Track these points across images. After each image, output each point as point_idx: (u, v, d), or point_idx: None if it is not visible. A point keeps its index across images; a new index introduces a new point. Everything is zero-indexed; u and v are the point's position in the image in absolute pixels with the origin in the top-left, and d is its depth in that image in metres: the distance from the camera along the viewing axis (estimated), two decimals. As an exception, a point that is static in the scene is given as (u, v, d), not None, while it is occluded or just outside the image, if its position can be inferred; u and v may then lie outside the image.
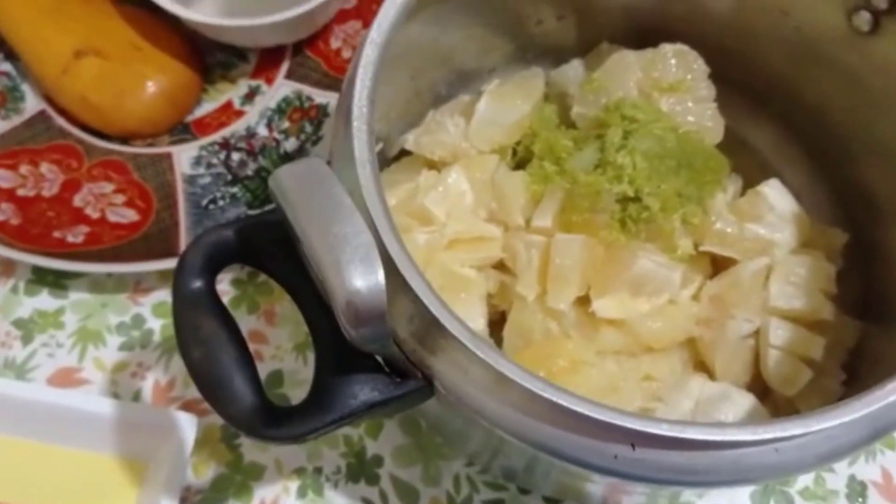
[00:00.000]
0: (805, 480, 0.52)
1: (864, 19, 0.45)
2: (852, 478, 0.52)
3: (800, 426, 0.31)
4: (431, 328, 0.33)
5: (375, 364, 0.35)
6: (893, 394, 0.32)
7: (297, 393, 0.53)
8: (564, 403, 0.31)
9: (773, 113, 0.54)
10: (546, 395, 0.31)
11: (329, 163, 0.38)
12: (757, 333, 0.46)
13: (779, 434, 0.31)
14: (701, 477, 0.33)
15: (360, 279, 0.29)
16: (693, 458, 0.32)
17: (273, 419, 0.34)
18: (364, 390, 0.34)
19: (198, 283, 0.35)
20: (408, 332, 0.34)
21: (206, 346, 0.34)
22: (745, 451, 0.32)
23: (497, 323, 0.49)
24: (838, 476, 0.52)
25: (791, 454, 0.33)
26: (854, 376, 0.48)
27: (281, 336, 0.54)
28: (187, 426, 0.48)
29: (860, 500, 0.51)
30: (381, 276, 0.29)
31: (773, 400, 0.47)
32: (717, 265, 0.49)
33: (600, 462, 0.33)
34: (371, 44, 0.37)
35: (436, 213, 0.47)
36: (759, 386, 0.47)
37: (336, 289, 0.29)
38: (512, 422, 0.33)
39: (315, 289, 0.35)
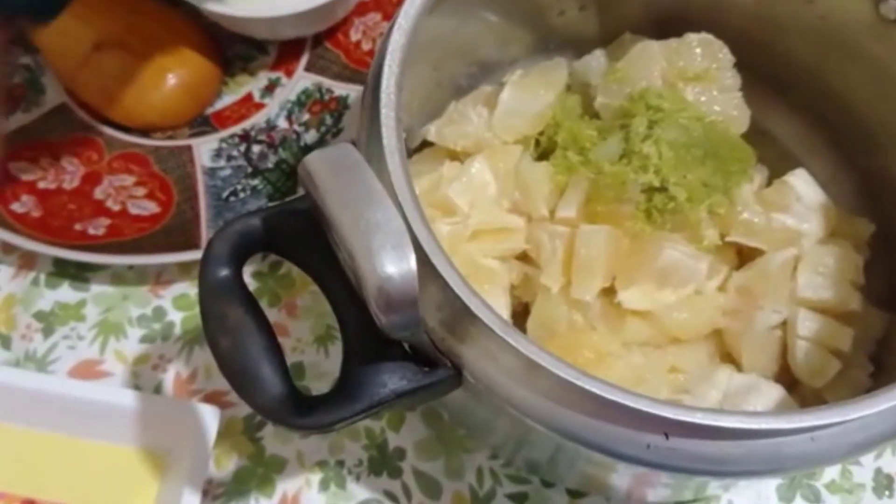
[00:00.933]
0: (831, 473, 0.51)
1: (891, 7, 0.44)
2: (879, 471, 0.51)
3: (836, 415, 0.31)
4: (461, 316, 0.33)
5: (403, 353, 0.34)
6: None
7: (318, 385, 0.52)
8: (598, 392, 0.31)
9: (799, 103, 0.54)
10: (579, 383, 0.31)
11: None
12: (784, 324, 0.46)
13: (815, 423, 0.31)
14: (734, 467, 0.33)
15: (393, 265, 0.29)
16: (727, 447, 0.32)
17: (301, 408, 0.33)
18: (393, 379, 0.34)
19: (225, 272, 0.35)
20: (437, 320, 0.34)
21: (233, 335, 0.34)
22: (781, 441, 0.32)
23: (520, 314, 0.49)
24: (865, 469, 0.51)
25: (826, 443, 0.32)
26: (881, 368, 0.47)
27: (302, 329, 0.54)
28: (210, 418, 0.48)
29: (887, 493, 0.51)
30: (412, 262, 0.29)
31: (800, 392, 0.46)
32: (743, 256, 0.49)
33: (632, 452, 0.32)
34: (399, 29, 0.37)
35: (459, 204, 0.47)
36: (786, 377, 0.46)
37: (368, 275, 0.29)
38: (542, 410, 0.33)
39: (343, 277, 0.34)
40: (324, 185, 0.30)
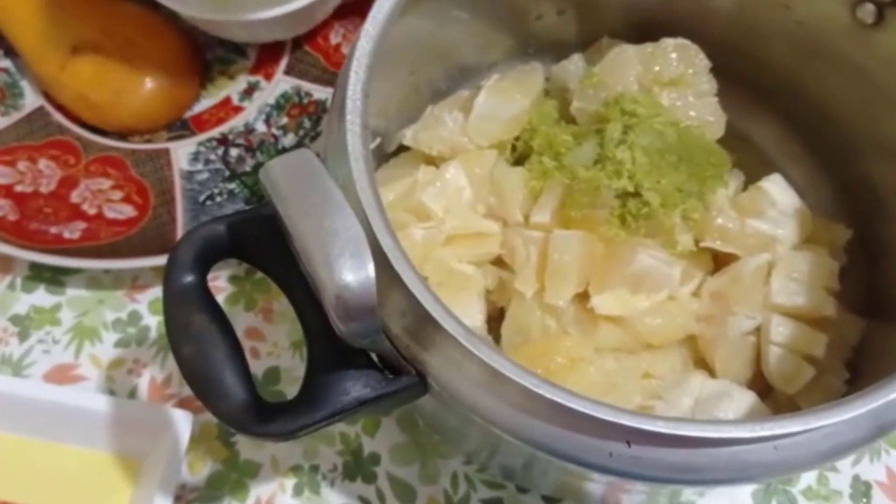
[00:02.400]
0: (808, 480, 0.51)
1: (868, 11, 0.44)
2: (856, 478, 0.51)
3: (798, 423, 0.31)
4: (425, 323, 0.33)
5: (368, 360, 0.34)
6: (895, 391, 0.31)
7: (293, 390, 0.51)
8: (559, 400, 0.31)
9: (777, 108, 0.54)
10: (541, 391, 0.31)
11: (322, 157, 0.38)
12: (758, 330, 0.46)
13: (777, 431, 0.31)
14: (698, 475, 0.32)
15: (350, 273, 0.29)
16: (690, 455, 0.32)
17: (264, 415, 0.33)
18: (356, 386, 0.33)
19: (189, 278, 0.35)
20: (401, 327, 0.34)
21: (197, 342, 0.34)
22: (743, 449, 0.32)
23: (496, 319, 0.49)
24: (842, 476, 0.51)
25: (790, 452, 0.32)
26: (857, 374, 0.47)
27: (278, 333, 0.53)
28: (182, 423, 0.47)
29: (864, 500, 0.51)
30: (371, 270, 0.29)
31: (774, 398, 0.46)
32: (719, 261, 0.49)
33: (596, 460, 0.32)
34: (366, 36, 0.37)
35: (433, 209, 0.47)
36: (760, 383, 0.46)
37: (325, 283, 0.29)
38: (506, 419, 0.33)
39: (307, 284, 0.34)
40: (283, 193, 0.30)
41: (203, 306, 0.35)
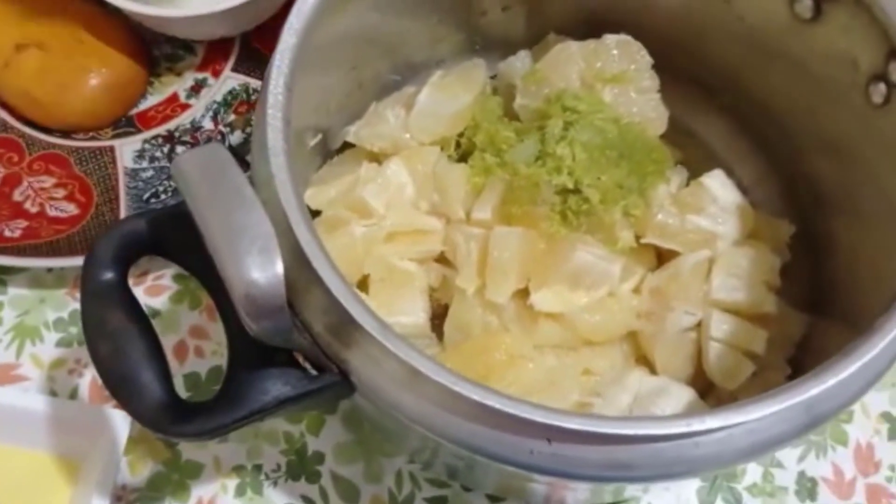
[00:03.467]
0: (753, 476, 0.51)
1: (805, 6, 0.44)
2: (802, 474, 0.51)
3: (717, 419, 0.31)
4: (345, 321, 0.32)
5: (290, 358, 0.34)
6: (812, 388, 0.31)
7: (238, 390, 0.52)
8: (477, 398, 0.31)
9: (722, 104, 0.53)
10: (458, 389, 0.31)
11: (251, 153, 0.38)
12: (699, 327, 0.46)
13: (695, 428, 0.30)
14: (621, 472, 0.32)
15: (258, 270, 0.28)
16: (610, 452, 0.31)
17: (182, 416, 0.33)
18: (276, 385, 0.33)
19: (108, 275, 0.34)
20: (322, 325, 0.33)
21: (113, 340, 0.33)
22: (664, 446, 0.31)
23: (441, 316, 0.48)
24: (788, 472, 0.51)
25: (712, 447, 0.32)
26: (800, 370, 0.47)
27: (223, 332, 0.52)
28: (121, 424, 0.47)
29: (810, 497, 0.51)
30: (279, 267, 0.28)
31: (716, 394, 0.46)
32: (662, 257, 0.49)
33: (517, 457, 0.32)
34: (289, 30, 0.36)
35: (374, 206, 0.47)
36: (701, 380, 0.46)
37: (233, 280, 0.28)
38: (428, 417, 0.32)
39: (226, 281, 0.34)
40: (192, 188, 0.30)
41: (121, 304, 0.34)
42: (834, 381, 0.31)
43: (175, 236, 0.35)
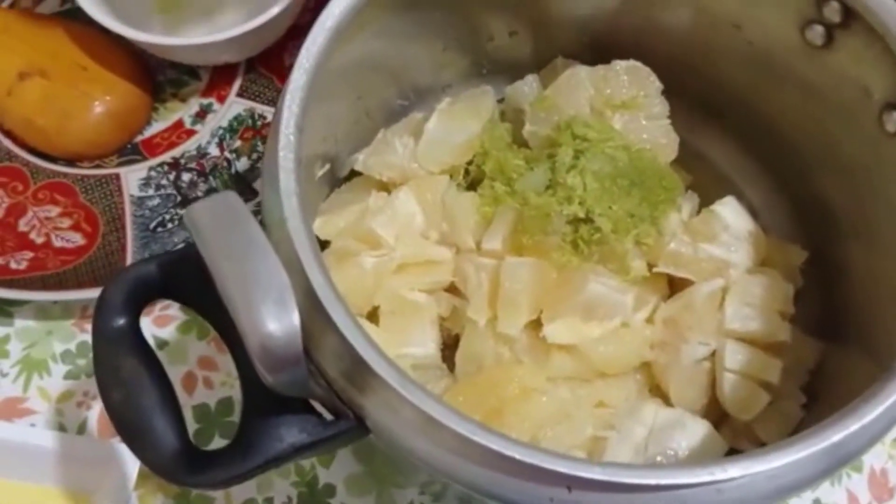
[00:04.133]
0: (768, 504, 0.50)
1: (817, 33, 0.44)
2: (817, 501, 0.51)
3: (739, 468, 0.30)
4: (360, 367, 0.32)
5: (305, 404, 0.33)
6: (836, 434, 0.31)
7: (247, 421, 0.51)
8: (497, 448, 0.30)
9: (731, 126, 0.53)
10: (477, 438, 0.30)
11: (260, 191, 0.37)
12: (713, 356, 0.45)
13: (719, 476, 0.30)
14: (642, 518, 0.32)
15: (274, 321, 0.28)
16: (631, 500, 0.31)
17: (196, 464, 0.32)
18: (291, 432, 0.32)
19: (120, 321, 0.34)
20: (337, 370, 0.33)
21: (126, 388, 0.33)
22: (686, 493, 0.31)
23: (451, 346, 0.48)
24: (803, 500, 0.51)
25: (734, 493, 0.31)
26: (814, 398, 0.47)
27: (231, 362, 0.52)
28: (130, 459, 0.46)
29: (825, 523, 0.50)
30: (296, 318, 0.28)
31: (730, 424, 0.46)
32: (675, 285, 0.48)
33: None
34: (299, 69, 0.36)
35: (384, 237, 0.46)
36: (715, 410, 0.46)
37: (248, 331, 0.28)
38: (445, 464, 0.32)
39: (239, 327, 0.33)
40: (206, 237, 0.29)
41: (134, 350, 0.34)
42: (857, 425, 0.31)
43: (187, 280, 0.34)
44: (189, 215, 0.30)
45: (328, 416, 0.34)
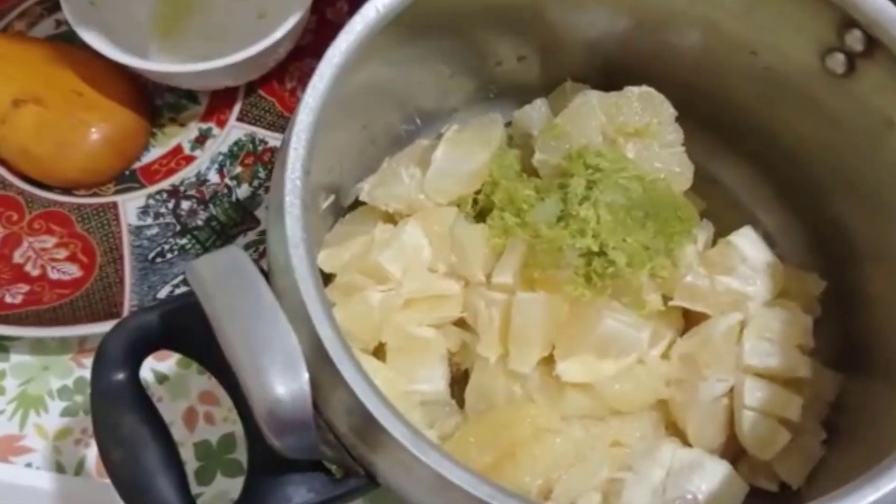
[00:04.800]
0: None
1: (838, 61, 0.42)
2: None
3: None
4: (371, 424, 0.31)
5: (313, 461, 0.32)
6: (870, 495, 0.30)
7: (251, 458, 0.50)
8: (515, 509, 0.29)
9: (746, 151, 0.52)
10: (495, 503, 0.29)
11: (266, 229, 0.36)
12: (731, 393, 0.44)
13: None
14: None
15: (283, 386, 0.26)
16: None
17: (200, 527, 0.31)
18: (300, 492, 0.31)
19: (119, 376, 0.32)
20: (347, 425, 0.32)
21: (126, 446, 0.31)
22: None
23: (460, 381, 0.46)
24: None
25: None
26: (835, 432, 0.45)
27: (234, 397, 0.51)
28: (130, 502, 0.45)
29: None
30: (305, 382, 0.27)
31: (748, 461, 0.45)
32: (689, 317, 0.47)
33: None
34: (305, 108, 0.35)
35: (391, 271, 0.45)
36: (734, 447, 0.44)
37: (255, 396, 0.26)
38: (460, 524, 0.31)
39: (245, 382, 0.32)
40: (210, 295, 0.28)
41: (134, 406, 0.32)
42: (890, 486, 0.29)
43: (190, 330, 0.33)
44: (192, 272, 0.29)
45: (337, 471, 0.33)
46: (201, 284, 0.28)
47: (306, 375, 0.27)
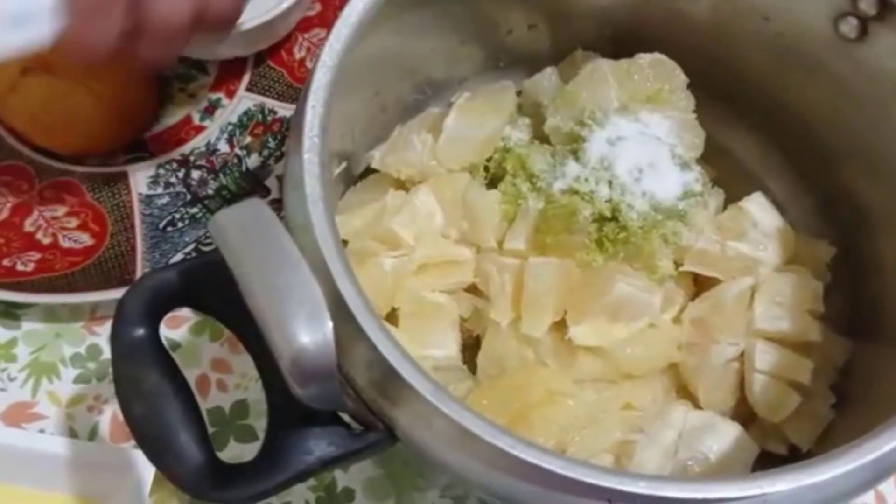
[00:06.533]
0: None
1: (851, 25, 0.42)
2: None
3: (787, 481, 0.29)
4: (391, 377, 0.31)
5: (333, 416, 0.32)
6: (884, 445, 0.30)
7: (263, 423, 0.50)
8: (536, 461, 0.29)
9: (757, 120, 0.52)
10: (516, 452, 0.29)
11: (282, 191, 0.36)
12: (742, 356, 0.44)
13: (767, 490, 0.29)
14: (683, 531, 0.31)
15: (307, 335, 0.27)
16: (674, 513, 0.30)
17: (221, 479, 0.31)
18: (320, 445, 0.31)
19: (139, 332, 0.33)
20: (366, 380, 0.32)
21: (148, 401, 0.32)
22: (730, 505, 0.30)
23: (471, 347, 0.47)
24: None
25: (781, 504, 0.30)
26: (844, 397, 0.46)
27: (246, 364, 0.51)
28: (144, 465, 0.45)
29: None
30: (329, 331, 0.27)
31: (759, 425, 0.45)
32: (700, 281, 0.47)
33: (575, 518, 0.31)
34: (322, 67, 0.35)
35: (404, 237, 0.45)
36: (744, 410, 0.45)
37: (280, 346, 0.27)
38: (480, 477, 0.31)
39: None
40: (233, 248, 0.28)
41: (155, 362, 0.32)
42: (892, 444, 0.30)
43: (208, 288, 0.33)
44: (215, 224, 0.29)
45: (356, 426, 0.33)
46: (224, 235, 0.28)
47: (330, 324, 0.27)
